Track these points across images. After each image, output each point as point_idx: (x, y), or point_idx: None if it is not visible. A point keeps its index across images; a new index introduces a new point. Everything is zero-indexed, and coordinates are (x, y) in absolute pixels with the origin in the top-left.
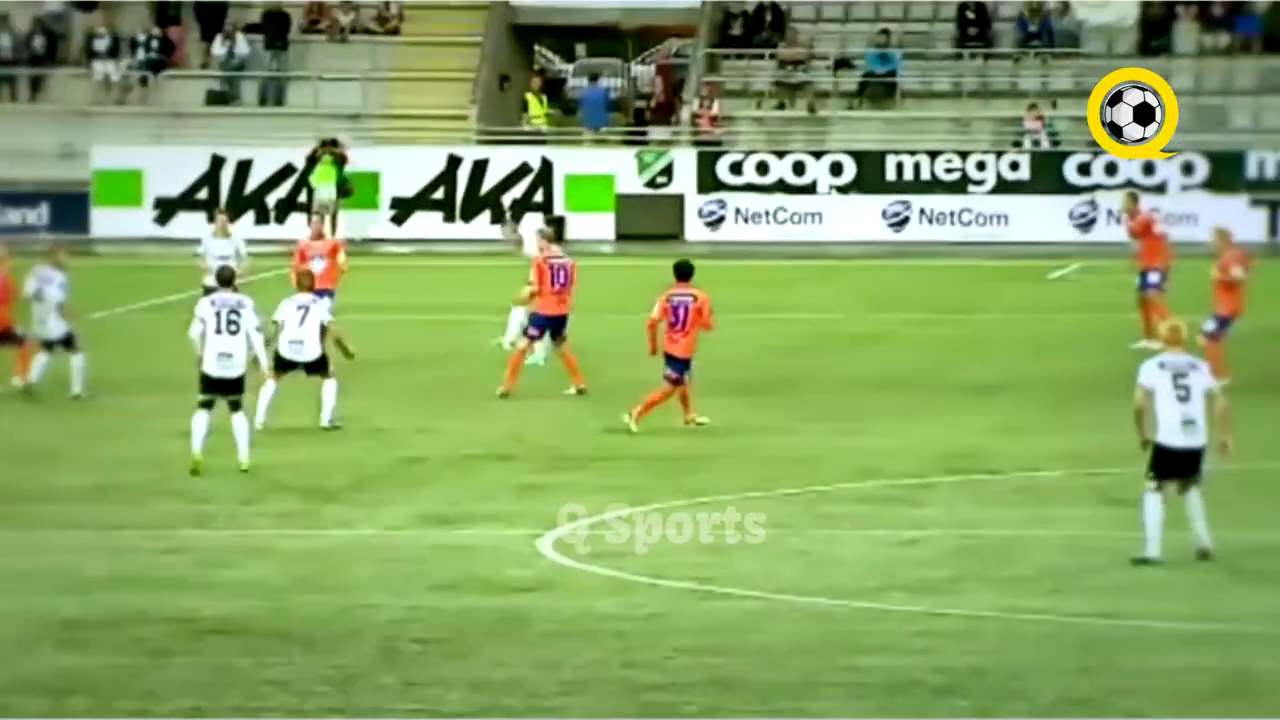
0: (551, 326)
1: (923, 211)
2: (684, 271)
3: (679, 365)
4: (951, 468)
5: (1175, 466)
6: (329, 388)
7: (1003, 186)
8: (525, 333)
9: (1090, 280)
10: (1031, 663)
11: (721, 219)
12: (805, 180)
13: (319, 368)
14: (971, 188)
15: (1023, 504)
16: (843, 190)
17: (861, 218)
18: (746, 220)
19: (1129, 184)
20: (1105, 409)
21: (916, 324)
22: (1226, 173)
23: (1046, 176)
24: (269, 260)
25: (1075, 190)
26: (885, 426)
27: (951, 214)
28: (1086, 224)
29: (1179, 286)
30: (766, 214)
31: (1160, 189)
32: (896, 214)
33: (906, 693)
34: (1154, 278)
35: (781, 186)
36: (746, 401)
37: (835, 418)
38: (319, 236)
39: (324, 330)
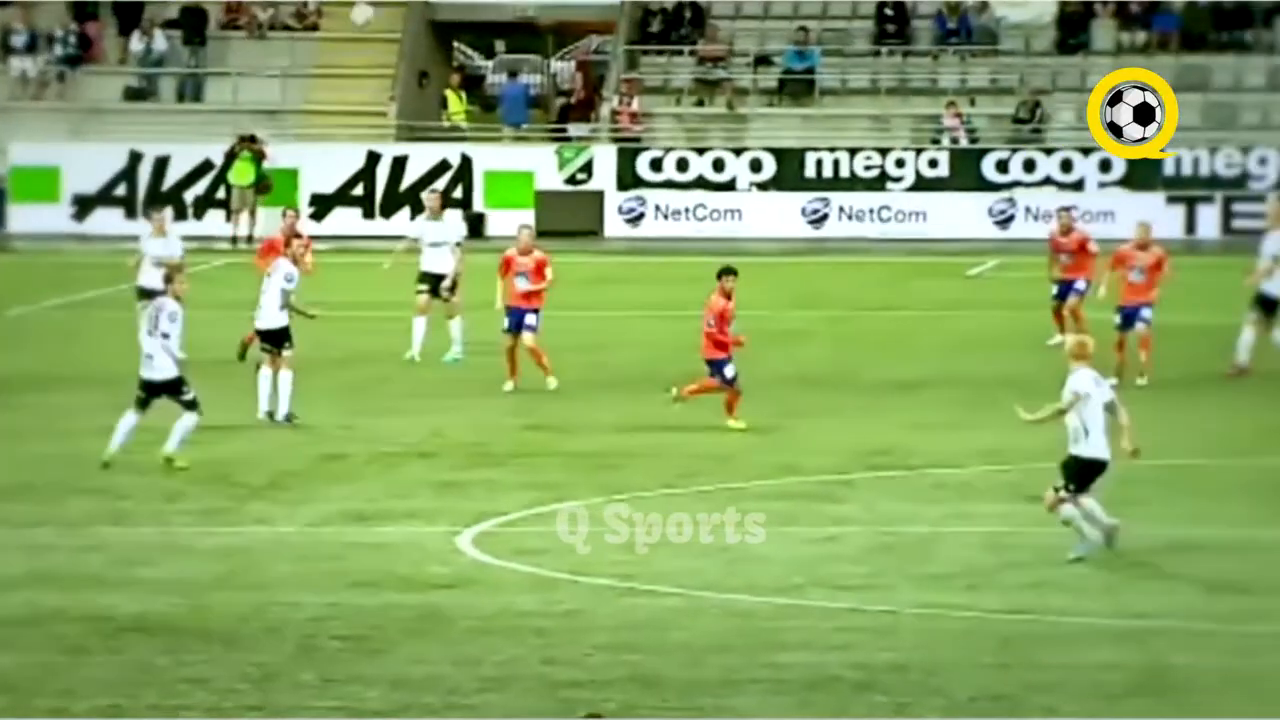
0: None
1: (842, 208)
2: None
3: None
4: (871, 464)
5: (1095, 476)
6: (285, 379)
7: (921, 183)
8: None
9: (1008, 277)
10: (950, 659)
11: (641, 216)
12: (725, 177)
13: (275, 340)
14: (890, 184)
15: (941, 500)
16: (762, 187)
17: (781, 214)
18: (666, 217)
19: (1047, 180)
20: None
21: (836, 321)
22: (1144, 170)
23: (965, 173)
24: (189, 256)
25: (994, 187)
26: (805, 423)
27: (870, 211)
28: (1005, 221)
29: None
30: (686, 211)
31: (1078, 186)
32: (816, 211)
33: (826, 689)
34: (1080, 285)
35: (701, 183)
36: (668, 398)
37: (755, 414)
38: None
39: (285, 298)
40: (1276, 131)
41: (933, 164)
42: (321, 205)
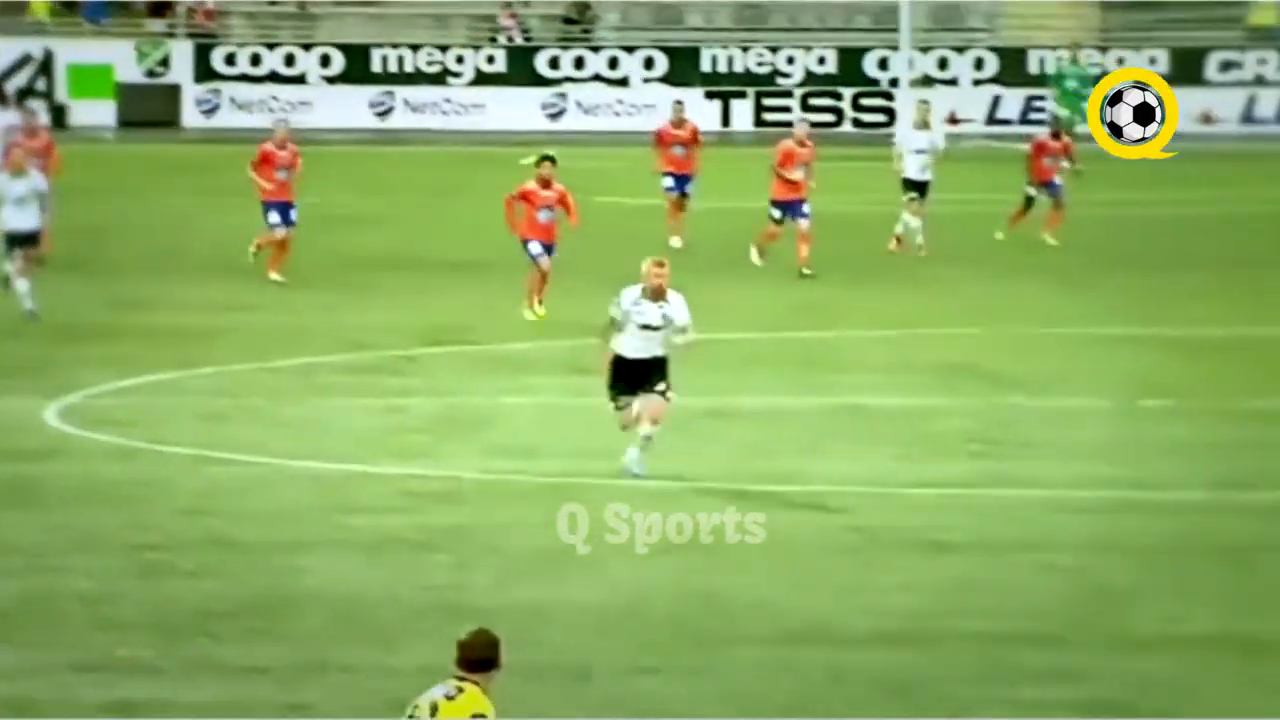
0: None
1: (406, 101)
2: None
3: None
4: (433, 340)
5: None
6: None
7: (480, 79)
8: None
9: (560, 168)
10: (508, 520)
11: (217, 107)
12: (296, 71)
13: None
14: (451, 80)
15: (499, 374)
16: (331, 81)
17: (350, 107)
18: (241, 109)
19: (596, 77)
20: (572, 284)
21: (403, 207)
22: (683, 68)
23: (520, 70)
24: None
25: (546, 83)
26: (374, 302)
27: (433, 104)
28: (557, 114)
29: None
30: (259, 103)
31: (624, 83)
32: (382, 104)
33: (390, 550)
34: (690, 186)
35: (273, 77)
36: (240, 279)
37: (326, 294)
38: (32, 134)
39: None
40: (802, 32)
41: (490, 60)
42: None
